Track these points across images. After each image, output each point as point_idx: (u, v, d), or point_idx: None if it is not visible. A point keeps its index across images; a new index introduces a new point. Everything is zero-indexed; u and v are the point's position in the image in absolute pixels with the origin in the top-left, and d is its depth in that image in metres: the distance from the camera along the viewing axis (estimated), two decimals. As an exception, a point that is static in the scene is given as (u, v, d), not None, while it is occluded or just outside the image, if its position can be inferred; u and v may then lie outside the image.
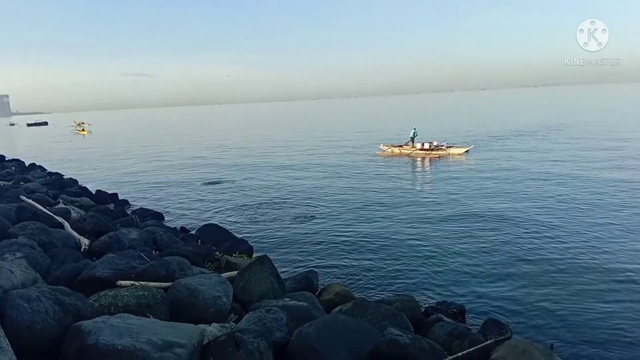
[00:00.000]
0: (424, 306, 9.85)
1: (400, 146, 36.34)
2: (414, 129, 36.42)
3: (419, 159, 33.54)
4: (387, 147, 37.08)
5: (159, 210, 19.57)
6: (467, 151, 33.83)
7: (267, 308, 7.08)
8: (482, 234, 14.95)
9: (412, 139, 35.53)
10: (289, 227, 16.87)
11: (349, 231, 16.04)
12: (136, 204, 21.68)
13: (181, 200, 22.65)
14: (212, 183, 27.03)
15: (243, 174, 29.65)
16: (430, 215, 17.57)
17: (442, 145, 34.51)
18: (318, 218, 17.97)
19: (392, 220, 17.15)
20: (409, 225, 16.39)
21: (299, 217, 18.24)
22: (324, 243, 14.85)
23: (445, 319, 8.84)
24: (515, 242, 14.03)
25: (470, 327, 8.73)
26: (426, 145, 34.70)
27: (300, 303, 7.92)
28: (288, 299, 8.21)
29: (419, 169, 29.92)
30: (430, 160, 32.75)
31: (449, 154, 33.73)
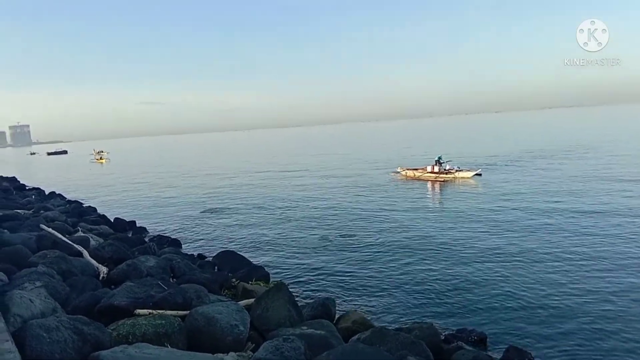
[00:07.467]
0: (443, 334, 9.66)
1: (415, 169, 36.52)
2: (440, 156, 36.23)
3: (429, 182, 33.63)
4: (403, 170, 37.36)
5: (176, 237, 19.67)
6: (477, 174, 33.73)
7: (284, 337, 7.01)
8: (499, 259, 14.71)
9: (438, 162, 35.33)
10: (305, 253, 16.81)
11: (365, 257, 15.91)
12: (154, 231, 21.83)
13: (198, 227, 22.75)
14: (229, 209, 27.15)
15: (259, 200, 29.75)
16: (446, 241, 17.36)
17: (452, 169, 34.58)
18: (334, 243, 17.89)
19: (409, 245, 16.98)
20: (426, 251, 16.20)
21: (315, 242, 18.18)
22: (341, 269, 14.74)
23: (466, 346, 8.68)
24: (534, 267, 13.79)
25: (492, 355, 8.53)
26: (436, 169, 34.79)
27: (318, 331, 7.83)
28: (305, 327, 8.13)
29: (430, 193, 29.78)
30: (439, 184, 32.82)
31: (456, 177, 33.77)
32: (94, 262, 11.80)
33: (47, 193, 35.73)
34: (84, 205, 28.43)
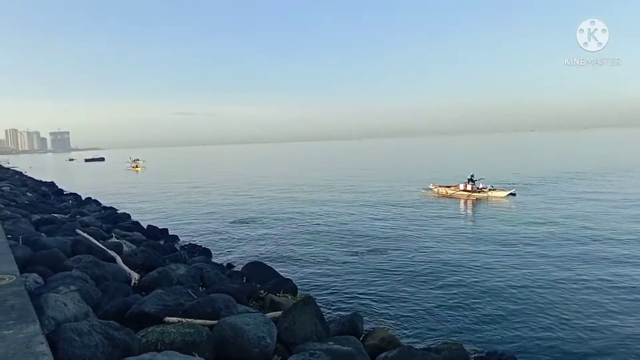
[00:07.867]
0: (472, 355, 9.44)
1: (448, 187, 36.12)
2: (472, 174, 35.81)
3: (461, 200, 33.18)
4: (435, 187, 37.02)
5: (207, 246, 19.89)
6: (511, 194, 33.10)
7: (310, 351, 6.95)
8: (533, 284, 14.27)
9: (471, 180, 34.93)
10: (334, 268, 16.73)
11: (395, 274, 15.72)
12: (185, 240, 22.13)
13: (228, 237, 22.95)
14: (259, 220, 27.33)
15: (289, 213, 29.85)
16: (479, 262, 17.00)
17: (485, 188, 34.07)
18: (364, 259, 17.75)
19: (440, 265, 16.70)
20: (457, 271, 15.90)
21: (345, 257, 18.08)
22: (370, 286, 14.59)
23: (496, 370, 8.44)
24: (569, 293, 13.37)
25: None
26: (469, 187, 34.36)
27: (345, 348, 7.74)
28: (332, 343, 8.04)
29: (463, 212, 29.23)
30: (472, 202, 32.34)
31: (489, 196, 33.27)
32: (126, 268, 12.01)
33: (83, 198, 36.66)
34: (118, 212, 29.04)
